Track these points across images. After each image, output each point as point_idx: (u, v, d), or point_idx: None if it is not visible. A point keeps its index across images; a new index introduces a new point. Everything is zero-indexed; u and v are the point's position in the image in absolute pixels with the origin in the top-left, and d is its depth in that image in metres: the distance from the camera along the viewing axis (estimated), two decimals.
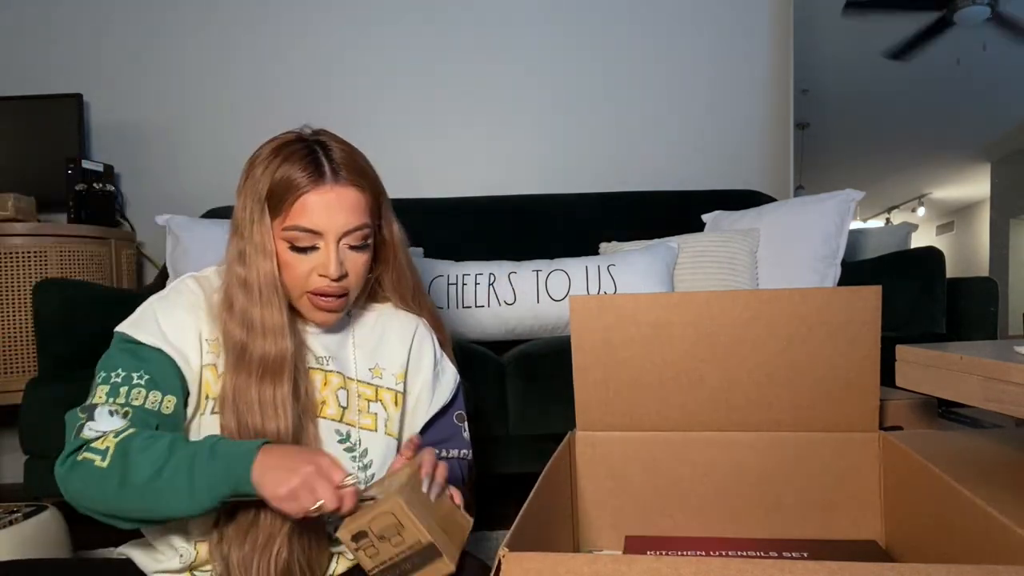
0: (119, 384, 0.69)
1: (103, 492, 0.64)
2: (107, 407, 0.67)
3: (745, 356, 0.81)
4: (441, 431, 0.88)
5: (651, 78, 2.19)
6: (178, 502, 0.63)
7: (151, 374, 0.70)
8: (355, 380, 0.81)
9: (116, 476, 0.63)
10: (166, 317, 0.73)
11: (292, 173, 0.72)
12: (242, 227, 0.74)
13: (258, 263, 0.73)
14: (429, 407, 0.86)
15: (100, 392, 0.69)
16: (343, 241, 0.74)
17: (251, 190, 0.73)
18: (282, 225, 0.73)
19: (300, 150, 0.73)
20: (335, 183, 0.73)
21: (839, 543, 0.80)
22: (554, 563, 0.45)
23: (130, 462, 0.63)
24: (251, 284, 0.73)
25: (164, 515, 0.65)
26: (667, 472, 0.85)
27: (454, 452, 0.88)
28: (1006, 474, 0.63)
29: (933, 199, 5.89)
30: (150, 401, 0.69)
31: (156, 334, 0.71)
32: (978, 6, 2.33)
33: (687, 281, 1.65)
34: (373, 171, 0.79)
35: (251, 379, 0.71)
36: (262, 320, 0.72)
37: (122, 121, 2.10)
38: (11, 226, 1.67)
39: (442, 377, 0.89)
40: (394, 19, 2.15)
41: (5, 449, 1.97)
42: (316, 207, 0.72)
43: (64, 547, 1.12)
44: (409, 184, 2.11)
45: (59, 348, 1.33)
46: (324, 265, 0.73)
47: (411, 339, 0.87)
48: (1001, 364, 0.59)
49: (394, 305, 0.89)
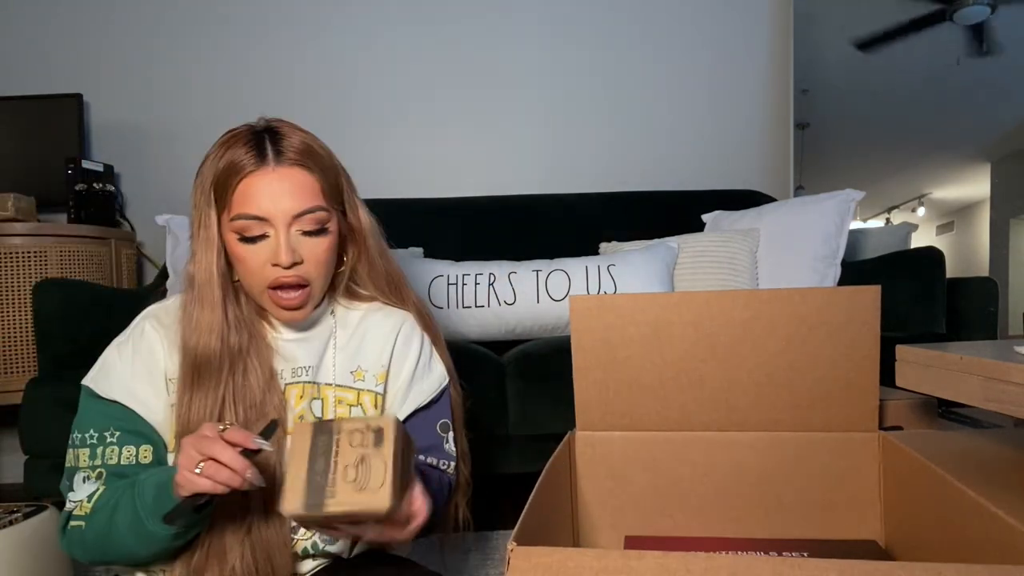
0: (95, 445, 0.69)
1: (93, 551, 0.66)
2: (82, 473, 0.68)
3: (745, 356, 0.81)
4: (420, 437, 0.81)
5: (651, 78, 2.19)
6: (138, 540, 0.63)
7: (121, 430, 0.69)
8: (332, 386, 0.78)
9: (92, 535, 0.66)
10: (126, 366, 0.71)
11: (234, 158, 0.69)
12: (193, 225, 0.72)
13: (202, 258, 0.71)
14: (403, 407, 0.81)
15: (80, 456, 0.69)
16: (294, 227, 0.70)
17: (199, 185, 0.71)
18: (229, 216, 0.70)
19: (244, 136, 0.70)
20: (278, 165, 0.69)
21: (839, 543, 0.80)
22: (563, 557, 0.45)
23: (96, 520, 0.66)
24: (194, 280, 0.71)
25: (142, 556, 0.66)
26: (667, 472, 0.85)
27: (431, 460, 0.83)
28: (1006, 474, 0.63)
29: (933, 199, 5.87)
30: (124, 457, 0.69)
31: (117, 387, 0.70)
32: (978, 6, 2.33)
33: (687, 281, 1.65)
34: (329, 154, 0.75)
35: (186, 384, 0.69)
36: (198, 318, 0.70)
37: (122, 121, 2.10)
38: (11, 226, 1.67)
39: (425, 378, 0.83)
40: (394, 20, 2.15)
41: (5, 449, 1.97)
42: (259, 191, 0.68)
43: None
44: (409, 184, 2.11)
45: (59, 348, 1.33)
46: (275, 252, 0.69)
47: (395, 337, 0.82)
48: (1001, 364, 0.59)
49: (380, 302, 0.84)
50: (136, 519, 0.63)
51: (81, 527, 0.66)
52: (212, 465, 0.57)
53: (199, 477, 0.58)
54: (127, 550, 0.65)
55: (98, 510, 0.66)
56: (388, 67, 2.15)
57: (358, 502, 0.54)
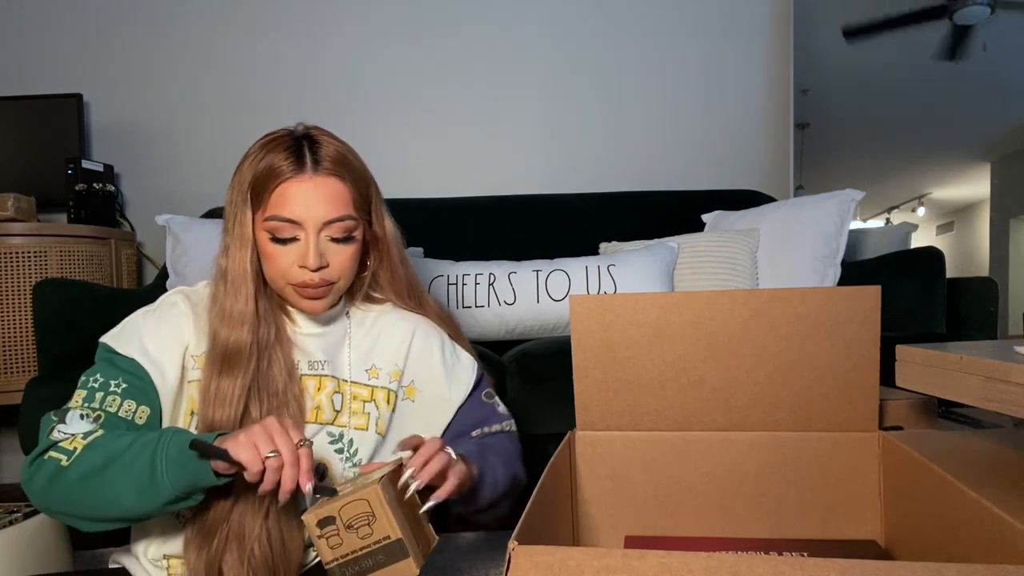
0: (95, 389, 0.69)
1: (64, 487, 0.63)
2: (79, 411, 0.68)
3: (745, 356, 0.81)
4: (473, 414, 0.88)
5: (651, 78, 2.19)
6: (139, 487, 0.62)
7: (128, 383, 0.70)
8: (349, 382, 0.81)
9: (78, 470, 0.63)
10: (149, 331, 0.73)
11: (274, 162, 0.72)
12: (227, 221, 0.75)
13: (235, 254, 0.73)
14: (450, 401, 0.86)
15: (77, 397, 0.70)
16: (324, 232, 0.73)
17: (237, 183, 0.74)
18: (263, 216, 0.73)
19: (285, 142, 0.74)
20: (315, 173, 0.72)
21: (839, 543, 0.80)
22: (564, 556, 0.45)
23: (95, 454, 0.63)
24: (228, 274, 0.74)
25: (126, 508, 0.63)
26: (667, 472, 0.85)
27: (496, 427, 0.89)
28: (1006, 474, 0.63)
29: (933, 199, 5.89)
30: (124, 409, 0.69)
31: (135, 346, 0.72)
32: (978, 6, 2.33)
33: (687, 281, 1.65)
34: (362, 165, 0.78)
35: (213, 369, 0.71)
36: (230, 309, 0.73)
37: (122, 121, 2.10)
38: (11, 226, 1.67)
39: (457, 367, 0.88)
40: (394, 21, 2.15)
41: (5, 449, 1.97)
42: (295, 196, 0.71)
43: (63, 548, 1.12)
44: (409, 184, 2.11)
45: (59, 348, 1.33)
46: (303, 255, 0.72)
47: (410, 338, 0.86)
48: (1001, 364, 0.59)
49: (393, 305, 0.88)
50: (149, 465, 0.61)
51: (60, 461, 0.64)
52: (278, 460, 0.59)
53: (249, 452, 0.59)
54: (108, 497, 0.63)
55: (94, 447, 0.64)
56: (388, 68, 2.15)
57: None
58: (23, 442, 1.24)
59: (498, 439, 0.87)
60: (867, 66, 2.39)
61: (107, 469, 0.62)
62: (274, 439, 0.60)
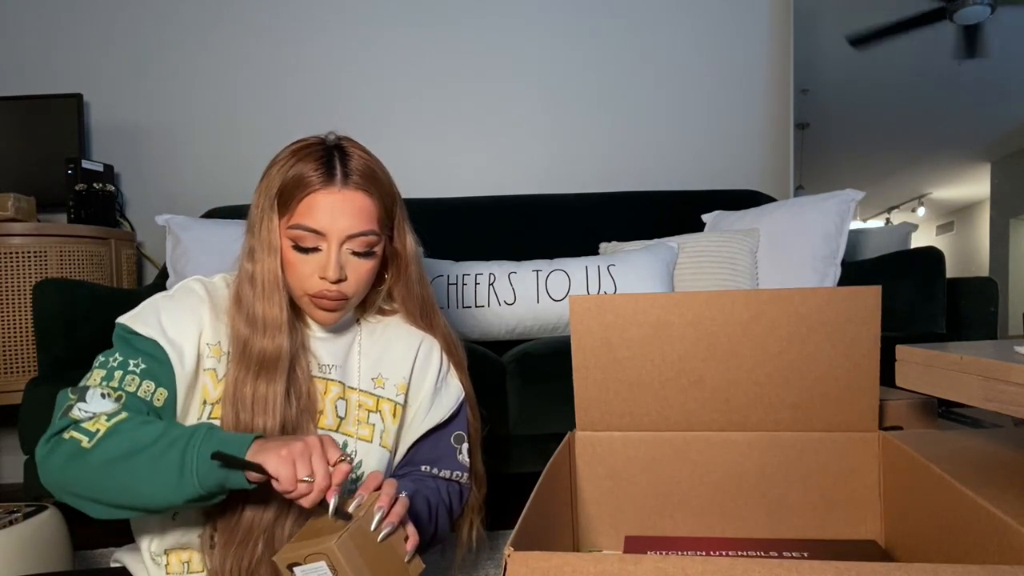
0: (114, 368, 0.69)
1: (85, 470, 0.62)
2: (100, 389, 0.67)
3: (745, 356, 0.81)
4: (434, 449, 0.86)
5: (651, 78, 2.19)
6: (165, 481, 0.61)
7: (147, 364, 0.70)
8: (356, 390, 0.81)
9: (103, 454, 0.61)
10: (168, 314, 0.73)
11: (303, 171, 0.72)
12: (254, 224, 0.75)
13: (264, 259, 0.73)
14: (424, 421, 0.84)
15: (95, 375, 0.69)
16: (346, 245, 0.74)
17: (265, 188, 0.74)
18: (288, 223, 0.73)
19: (316, 151, 0.74)
20: (344, 186, 0.73)
21: (838, 543, 0.80)
22: (560, 562, 0.45)
23: (120, 440, 0.62)
24: (256, 279, 0.73)
25: (146, 498, 0.62)
26: (667, 472, 0.85)
27: (445, 473, 0.86)
28: (1006, 474, 0.63)
29: (933, 199, 5.87)
30: (143, 390, 0.69)
31: (154, 327, 0.71)
32: (979, 6, 2.33)
33: (687, 281, 1.65)
34: (389, 180, 0.79)
35: (248, 374, 0.71)
36: (263, 316, 0.73)
37: (122, 121, 2.10)
38: (11, 226, 1.67)
39: (443, 393, 0.87)
40: (394, 21, 2.15)
41: (5, 449, 1.97)
42: (321, 207, 0.72)
43: (64, 548, 1.12)
44: (409, 184, 2.10)
45: (59, 348, 1.33)
46: (323, 266, 0.73)
47: (416, 351, 0.86)
48: (1001, 364, 0.59)
49: (402, 318, 0.88)
50: (179, 461, 0.61)
51: (81, 442, 0.62)
52: (308, 487, 0.60)
53: (286, 469, 0.59)
54: (131, 485, 0.61)
55: (119, 432, 0.62)
56: (387, 68, 2.15)
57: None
58: (23, 442, 1.24)
59: (440, 486, 0.85)
60: (867, 66, 2.39)
61: (134, 457, 0.61)
62: (312, 462, 0.60)
